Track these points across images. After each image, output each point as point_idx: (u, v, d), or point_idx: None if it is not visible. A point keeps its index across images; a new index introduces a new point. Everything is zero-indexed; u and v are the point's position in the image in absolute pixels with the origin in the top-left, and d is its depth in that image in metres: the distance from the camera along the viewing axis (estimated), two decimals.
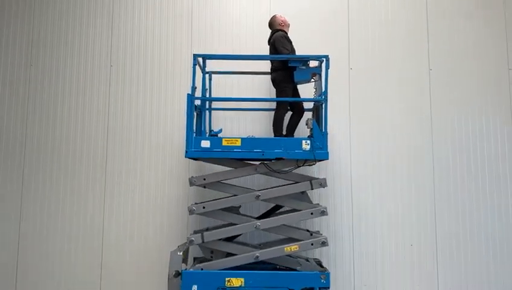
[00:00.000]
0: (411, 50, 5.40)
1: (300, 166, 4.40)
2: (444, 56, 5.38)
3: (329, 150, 4.34)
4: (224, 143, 4.32)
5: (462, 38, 5.40)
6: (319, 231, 4.79)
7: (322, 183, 4.45)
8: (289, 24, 4.93)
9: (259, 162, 4.45)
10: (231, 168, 4.52)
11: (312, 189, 4.46)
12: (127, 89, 5.41)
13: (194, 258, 4.81)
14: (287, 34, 4.78)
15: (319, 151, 4.29)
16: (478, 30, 5.40)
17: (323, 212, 4.36)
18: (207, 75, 4.83)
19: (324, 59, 4.39)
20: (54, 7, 5.55)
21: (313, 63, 4.56)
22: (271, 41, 4.72)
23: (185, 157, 4.35)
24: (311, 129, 4.32)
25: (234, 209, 4.56)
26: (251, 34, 5.43)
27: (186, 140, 4.30)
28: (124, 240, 5.20)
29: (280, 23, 4.83)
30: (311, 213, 4.39)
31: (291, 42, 4.71)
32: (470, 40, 5.40)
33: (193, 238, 4.30)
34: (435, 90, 5.33)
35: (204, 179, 4.42)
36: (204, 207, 4.37)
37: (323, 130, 4.32)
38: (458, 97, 5.32)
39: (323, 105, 4.36)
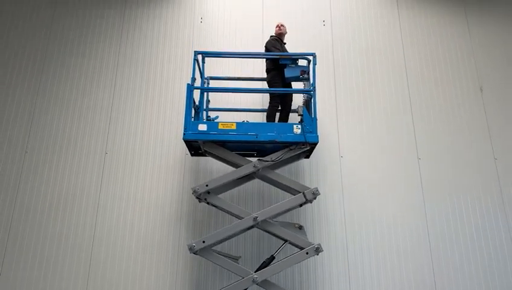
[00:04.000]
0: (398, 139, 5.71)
1: (292, 150, 4.62)
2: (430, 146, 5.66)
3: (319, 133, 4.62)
4: (220, 127, 4.59)
5: (447, 131, 5.72)
6: None
7: (315, 193, 4.62)
8: (286, 32, 5.45)
9: (257, 159, 4.66)
10: (231, 170, 4.71)
11: (306, 201, 4.64)
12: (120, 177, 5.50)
13: None
14: (280, 38, 5.31)
15: (310, 135, 4.57)
16: (461, 126, 5.75)
17: (318, 249, 4.44)
18: (206, 74, 5.26)
19: (311, 56, 4.88)
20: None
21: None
22: (265, 46, 5.26)
23: (183, 139, 4.56)
24: (302, 115, 4.63)
25: (233, 260, 4.63)
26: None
27: (185, 124, 4.55)
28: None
29: (276, 30, 5.37)
30: (307, 253, 4.45)
31: (281, 44, 5.24)
32: (455, 134, 5.72)
33: None
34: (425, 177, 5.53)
35: (207, 186, 4.55)
36: (204, 241, 4.41)
37: (313, 116, 4.64)
38: (448, 185, 5.50)
39: (312, 97, 4.74)
